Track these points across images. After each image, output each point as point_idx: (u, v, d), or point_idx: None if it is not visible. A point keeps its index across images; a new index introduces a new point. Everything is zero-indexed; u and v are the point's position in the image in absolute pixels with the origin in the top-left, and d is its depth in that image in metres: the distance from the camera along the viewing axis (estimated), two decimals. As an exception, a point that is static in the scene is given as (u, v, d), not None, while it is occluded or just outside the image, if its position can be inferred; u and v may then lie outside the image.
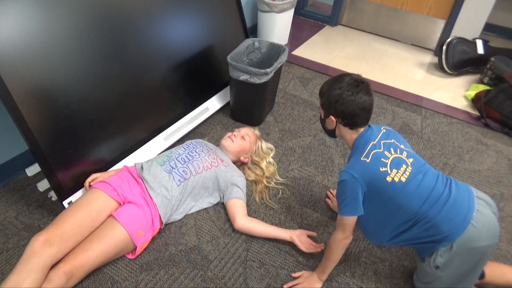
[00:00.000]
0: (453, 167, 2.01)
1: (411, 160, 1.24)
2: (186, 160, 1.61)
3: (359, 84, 1.22)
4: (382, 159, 1.21)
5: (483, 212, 1.18)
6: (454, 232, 1.16)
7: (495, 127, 2.30)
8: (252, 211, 1.69)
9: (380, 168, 1.19)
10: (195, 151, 1.67)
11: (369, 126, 1.30)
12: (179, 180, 1.54)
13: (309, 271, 1.45)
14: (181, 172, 1.56)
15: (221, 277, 1.43)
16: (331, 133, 1.37)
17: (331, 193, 1.78)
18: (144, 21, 1.76)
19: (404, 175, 1.20)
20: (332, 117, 1.28)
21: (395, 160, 1.21)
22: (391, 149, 1.24)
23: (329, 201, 1.75)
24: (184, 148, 1.69)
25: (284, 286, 1.40)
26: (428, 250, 1.24)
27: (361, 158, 1.21)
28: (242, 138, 1.81)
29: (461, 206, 1.18)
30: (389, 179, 1.18)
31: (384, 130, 1.30)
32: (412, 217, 1.20)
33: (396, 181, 1.18)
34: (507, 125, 2.28)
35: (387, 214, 1.24)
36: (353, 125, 1.27)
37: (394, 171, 1.19)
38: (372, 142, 1.24)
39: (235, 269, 1.46)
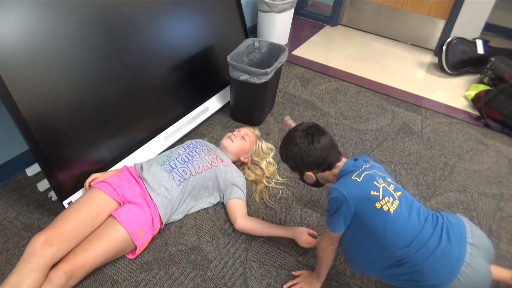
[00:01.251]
0: (453, 167, 2.01)
1: (398, 194, 1.18)
2: (186, 160, 1.61)
3: (308, 130, 1.22)
4: (374, 182, 1.15)
5: (473, 265, 1.09)
6: (438, 284, 1.09)
7: (495, 127, 2.30)
8: (252, 211, 1.69)
9: (372, 191, 1.13)
10: (195, 151, 1.67)
11: (353, 159, 1.27)
12: (179, 180, 1.54)
13: (309, 270, 1.45)
14: (181, 172, 1.56)
15: (221, 277, 1.43)
16: (317, 184, 1.33)
17: None
18: (144, 21, 1.76)
19: (392, 207, 1.13)
20: (308, 173, 1.27)
21: (385, 189, 1.15)
22: (380, 179, 1.18)
23: None
24: (184, 148, 1.69)
25: (284, 286, 1.41)
26: None
27: (352, 177, 1.16)
28: (242, 138, 1.81)
29: (450, 258, 1.09)
30: (378, 205, 1.11)
31: (371, 164, 1.25)
32: (392, 254, 1.12)
33: (385, 210, 1.11)
34: (507, 125, 2.28)
35: (372, 244, 1.16)
36: (329, 166, 1.24)
37: (386, 198, 1.13)
38: (364, 165, 1.21)
39: (235, 269, 1.47)
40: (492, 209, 1.77)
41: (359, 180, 1.15)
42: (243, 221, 1.56)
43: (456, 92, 2.64)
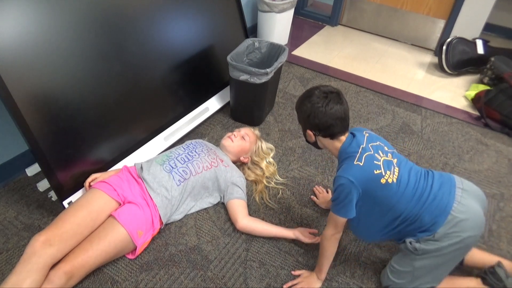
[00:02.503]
0: (453, 167, 2.01)
1: (395, 160, 1.27)
2: (186, 160, 1.61)
3: (328, 94, 1.24)
4: (375, 162, 1.22)
5: (465, 203, 1.20)
6: (434, 223, 1.20)
7: (495, 127, 2.30)
8: (252, 211, 1.69)
9: (375, 171, 1.20)
10: (195, 151, 1.67)
11: (351, 133, 1.30)
12: (178, 180, 1.54)
13: (309, 270, 1.45)
14: (181, 172, 1.56)
15: (221, 277, 1.43)
16: (315, 145, 1.38)
17: (317, 189, 1.79)
18: (144, 21, 1.76)
19: (394, 176, 1.23)
20: (309, 131, 1.31)
21: (385, 162, 1.23)
22: (379, 151, 1.26)
23: (314, 198, 1.76)
24: (184, 148, 1.69)
25: (284, 286, 1.41)
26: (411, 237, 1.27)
27: (354, 163, 1.21)
28: (242, 138, 1.81)
29: (442, 198, 1.21)
30: (383, 181, 1.20)
31: (367, 134, 1.30)
32: (399, 214, 1.23)
33: (390, 182, 1.21)
34: (507, 125, 2.28)
35: (380, 215, 1.27)
36: (332, 135, 1.28)
37: (388, 172, 1.22)
38: (361, 146, 1.25)
39: (235, 269, 1.47)
40: (492, 209, 1.77)
41: (361, 164, 1.20)
42: (244, 221, 1.56)
43: (456, 92, 2.65)
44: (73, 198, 1.55)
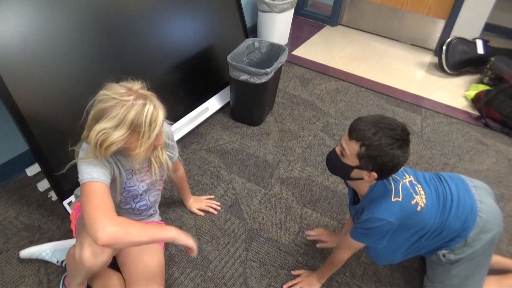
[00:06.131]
0: (453, 167, 2.01)
1: (412, 178, 1.20)
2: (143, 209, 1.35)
3: (407, 137, 1.06)
4: (410, 190, 1.14)
5: (485, 201, 1.20)
6: (465, 228, 1.17)
7: (495, 127, 2.30)
8: (252, 211, 1.69)
9: (412, 201, 1.13)
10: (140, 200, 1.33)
11: None
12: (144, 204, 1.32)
13: (309, 270, 1.45)
14: (142, 204, 1.33)
15: (221, 277, 1.43)
16: (345, 177, 1.18)
17: (314, 234, 1.58)
18: (144, 21, 1.76)
19: (423, 197, 1.15)
20: (373, 173, 1.06)
21: (411, 186, 1.15)
22: (402, 174, 1.18)
23: (322, 244, 1.55)
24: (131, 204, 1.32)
25: (284, 286, 1.41)
26: (440, 250, 1.24)
27: (393, 199, 1.10)
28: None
29: (464, 200, 1.19)
30: (419, 208, 1.13)
31: None
32: (426, 231, 1.18)
33: (423, 206, 1.14)
34: (507, 125, 2.28)
35: (407, 238, 1.21)
36: (384, 177, 1.11)
37: (417, 197, 1.14)
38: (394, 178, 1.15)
39: (235, 269, 1.47)
40: (492, 209, 1.78)
41: (400, 200, 1.10)
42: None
43: (456, 92, 2.65)
44: (73, 198, 1.55)
